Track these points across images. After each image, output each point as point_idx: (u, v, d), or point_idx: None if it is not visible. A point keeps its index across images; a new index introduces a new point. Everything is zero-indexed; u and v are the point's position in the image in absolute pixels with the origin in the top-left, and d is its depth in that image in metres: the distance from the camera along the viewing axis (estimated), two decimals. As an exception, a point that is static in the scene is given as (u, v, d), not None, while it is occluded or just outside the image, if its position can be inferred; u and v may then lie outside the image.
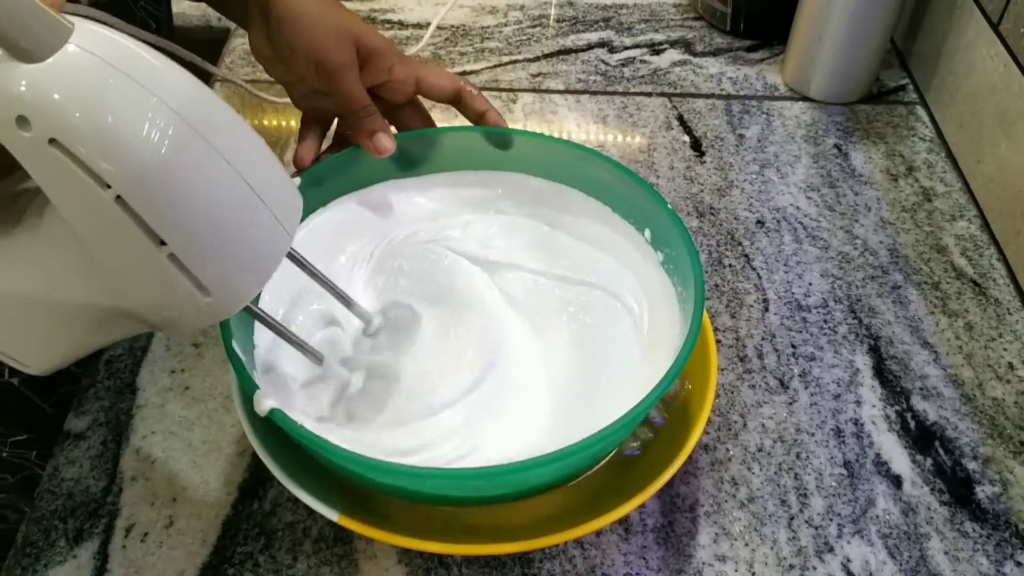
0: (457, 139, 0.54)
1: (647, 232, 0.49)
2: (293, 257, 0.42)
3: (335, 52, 0.48)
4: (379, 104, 0.51)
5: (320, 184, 0.51)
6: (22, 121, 0.28)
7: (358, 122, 0.50)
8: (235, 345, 0.41)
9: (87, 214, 0.30)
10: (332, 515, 0.40)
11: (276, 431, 0.43)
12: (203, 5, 0.62)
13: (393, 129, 0.54)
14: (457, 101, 0.53)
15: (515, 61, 0.83)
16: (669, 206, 0.46)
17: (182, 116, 0.30)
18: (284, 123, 0.76)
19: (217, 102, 0.33)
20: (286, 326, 0.42)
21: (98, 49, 0.29)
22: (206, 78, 0.82)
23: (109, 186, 0.29)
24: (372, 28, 0.51)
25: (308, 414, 0.44)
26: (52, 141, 0.28)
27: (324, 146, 0.55)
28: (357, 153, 0.51)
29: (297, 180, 0.49)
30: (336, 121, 0.56)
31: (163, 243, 0.31)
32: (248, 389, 0.40)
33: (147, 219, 0.30)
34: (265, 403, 0.39)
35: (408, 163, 0.54)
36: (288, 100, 0.55)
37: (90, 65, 0.28)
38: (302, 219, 0.50)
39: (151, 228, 0.30)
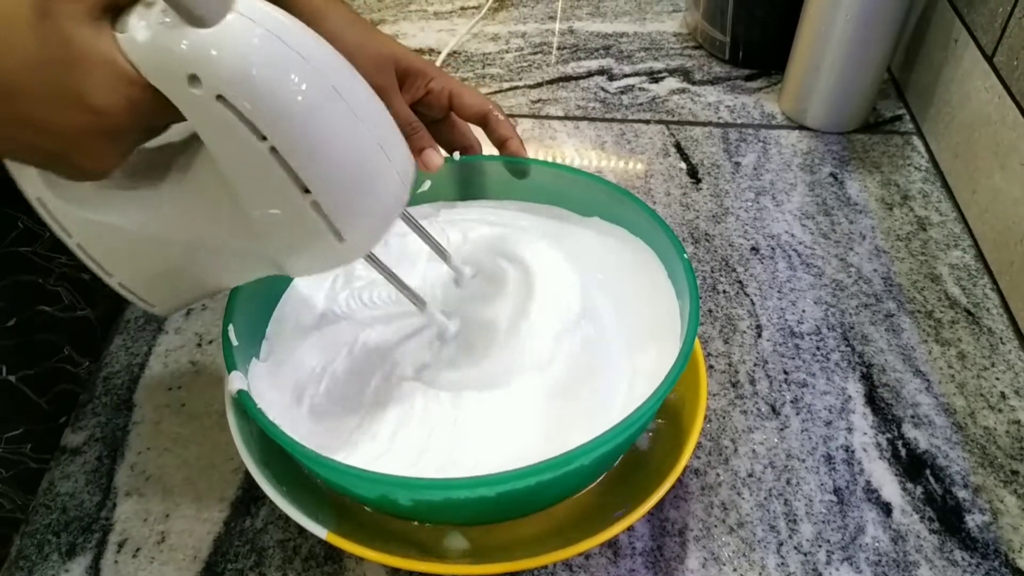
0: (481, 167, 0.56)
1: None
2: (403, 215, 0.45)
3: (377, 77, 0.50)
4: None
5: None
6: (193, 79, 0.31)
7: (406, 140, 0.52)
8: (231, 329, 0.43)
9: (243, 163, 0.34)
10: (321, 532, 0.41)
11: (268, 449, 0.44)
12: None
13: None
14: (484, 123, 0.55)
15: (516, 87, 0.84)
16: (686, 256, 0.46)
17: (328, 79, 0.34)
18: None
19: (351, 68, 0.36)
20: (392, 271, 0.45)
21: (257, 17, 0.32)
22: None
23: (265, 138, 0.32)
24: (409, 50, 0.53)
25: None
26: (219, 97, 0.31)
27: None
28: None
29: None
30: None
31: (307, 191, 0.34)
32: (228, 368, 0.42)
33: (296, 168, 0.33)
34: (235, 384, 0.41)
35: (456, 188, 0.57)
36: None
37: (252, 31, 0.31)
38: None
39: (299, 177, 0.34)
